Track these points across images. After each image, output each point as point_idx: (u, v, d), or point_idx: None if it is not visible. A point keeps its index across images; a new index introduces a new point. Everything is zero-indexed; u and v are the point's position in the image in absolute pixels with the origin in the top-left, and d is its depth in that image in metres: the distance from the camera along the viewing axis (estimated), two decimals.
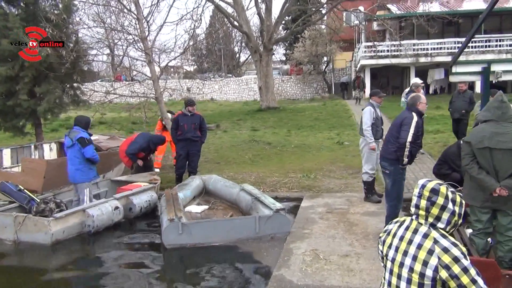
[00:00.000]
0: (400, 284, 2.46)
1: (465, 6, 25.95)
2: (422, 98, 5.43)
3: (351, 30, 28.32)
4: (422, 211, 2.46)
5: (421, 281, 2.35)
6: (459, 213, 2.44)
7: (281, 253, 5.03)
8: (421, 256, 2.36)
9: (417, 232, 2.45)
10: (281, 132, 15.14)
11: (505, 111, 4.05)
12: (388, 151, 5.41)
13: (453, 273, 2.27)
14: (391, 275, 2.52)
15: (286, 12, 21.89)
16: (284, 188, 8.23)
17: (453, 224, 2.44)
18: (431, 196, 2.43)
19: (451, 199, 2.42)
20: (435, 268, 2.30)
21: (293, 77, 32.30)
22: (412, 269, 2.38)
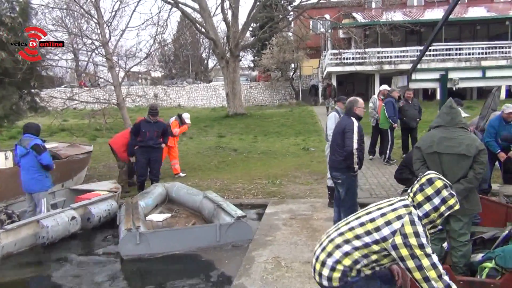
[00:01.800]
0: (352, 222, 2.60)
1: (426, 16, 26.79)
2: (359, 102, 5.44)
3: (318, 37, 28.72)
4: (411, 194, 2.59)
5: (371, 231, 2.46)
6: (441, 212, 2.52)
7: (243, 261, 4.95)
8: (389, 216, 2.48)
9: (400, 201, 2.60)
10: (247, 138, 15.10)
11: (454, 117, 4.13)
12: (336, 160, 5.39)
13: (408, 242, 2.36)
14: (355, 215, 2.67)
15: (253, 19, 21.96)
16: (249, 194, 8.16)
17: (430, 219, 2.53)
18: (424, 184, 2.57)
19: (442, 196, 2.51)
20: (394, 231, 2.40)
21: (261, 84, 32.40)
22: (373, 219, 2.50)
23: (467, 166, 3.97)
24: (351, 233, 2.54)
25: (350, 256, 2.49)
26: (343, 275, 2.51)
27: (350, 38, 24.41)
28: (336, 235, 2.60)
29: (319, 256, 2.61)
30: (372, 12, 28.76)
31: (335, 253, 2.53)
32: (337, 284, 2.52)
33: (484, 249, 4.44)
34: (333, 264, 2.52)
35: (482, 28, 26.58)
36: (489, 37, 26.33)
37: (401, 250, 2.37)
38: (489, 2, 30.21)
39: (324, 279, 2.55)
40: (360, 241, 2.49)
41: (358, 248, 2.48)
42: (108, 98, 10.56)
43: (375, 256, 2.48)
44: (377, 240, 2.44)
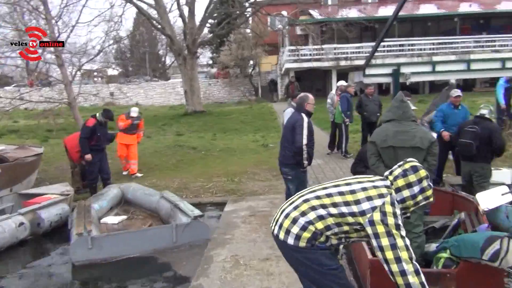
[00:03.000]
0: (330, 189, 2.53)
1: (380, 13, 27.44)
2: (309, 98, 5.47)
3: (276, 34, 28.82)
4: (391, 177, 2.55)
5: (350, 203, 2.41)
6: (417, 201, 2.52)
7: (201, 261, 4.86)
8: (371, 192, 2.43)
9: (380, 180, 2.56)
10: (206, 136, 14.94)
11: (406, 111, 4.22)
12: (286, 156, 5.37)
13: (386, 220, 2.33)
14: (330, 183, 2.61)
15: (210, 15, 21.75)
16: (208, 193, 8.06)
17: (405, 206, 2.51)
18: (408, 170, 2.52)
19: (422, 186, 2.50)
20: (374, 207, 2.37)
21: (220, 81, 32.25)
22: (354, 191, 2.45)
23: (421, 158, 4.07)
24: (328, 200, 2.47)
25: (323, 221, 2.43)
26: (312, 237, 2.44)
27: (307, 35, 24.68)
28: (312, 197, 2.52)
29: (290, 213, 2.52)
30: (328, 9, 29.17)
31: (309, 213, 2.45)
32: (304, 244, 2.44)
33: (436, 239, 4.57)
34: (305, 223, 2.44)
35: (432, 24, 27.55)
36: (439, 33, 27.33)
37: (377, 226, 2.34)
38: None
39: (291, 237, 2.47)
40: (336, 209, 2.43)
41: (333, 215, 2.43)
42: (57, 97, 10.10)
43: (347, 227, 2.44)
44: (354, 213, 2.40)
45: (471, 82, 25.15)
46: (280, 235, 2.53)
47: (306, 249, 2.45)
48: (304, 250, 2.45)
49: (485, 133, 5.90)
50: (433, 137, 4.12)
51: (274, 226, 2.62)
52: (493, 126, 5.96)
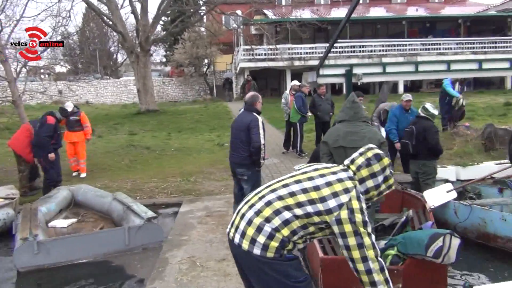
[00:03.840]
0: (292, 186, 2.33)
1: (333, 14, 28.06)
2: (260, 97, 5.50)
3: (230, 33, 28.79)
4: (354, 167, 2.42)
5: (316, 201, 2.25)
6: (380, 191, 2.43)
7: (156, 263, 4.75)
8: (336, 187, 2.28)
9: (343, 170, 2.42)
10: (160, 135, 14.66)
11: (357, 111, 4.33)
12: (240, 157, 5.31)
13: (353, 218, 2.22)
14: (289, 177, 2.43)
15: (163, 12, 21.36)
16: (162, 193, 7.91)
17: (368, 197, 2.42)
18: (372, 159, 2.40)
19: (386, 175, 2.40)
20: (340, 204, 2.23)
21: (174, 79, 31.77)
22: (318, 188, 2.28)
23: None
24: (292, 200, 2.27)
25: (289, 226, 2.24)
26: (280, 245, 2.24)
27: (262, 34, 24.81)
28: (274, 198, 2.30)
29: (252, 219, 2.28)
30: (282, 9, 29.45)
31: (274, 219, 2.24)
32: (272, 255, 2.23)
33: (385, 236, 4.71)
34: (272, 231, 2.23)
35: (382, 27, 28.52)
36: (388, 35, 28.32)
37: (345, 225, 2.21)
38: (387, 2, 32.51)
39: (257, 247, 2.23)
40: (302, 209, 2.25)
41: (299, 217, 2.25)
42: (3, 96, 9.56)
43: (313, 228, 2.29)
44: (320, 212, 2.23)
45: (418, 83, 26.24)
46: (243, 244, 2.27)
47: (274, 260, 2.26)
48: (271, 261, 2.25)
49: (420, 132, 6.18)
50: (383, 137, 4.24)
51: (233, 233, 2.37)
52: (427, 125, 6.18)
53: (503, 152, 8.21)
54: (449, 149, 9.46)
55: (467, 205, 5.37)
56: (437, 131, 6.15)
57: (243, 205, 2.41)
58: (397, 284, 3.74)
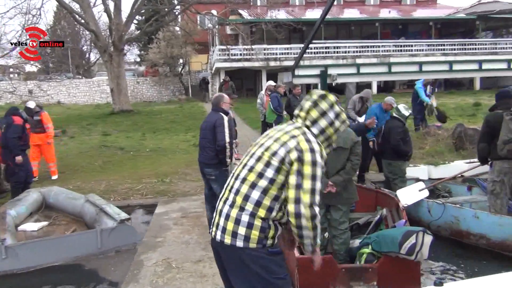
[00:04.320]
0: (248, 161, 2.36)
1: (308, 15, 28.29)
2: (225, 98, 5.53)
3: (206, 33, 28.65)
4: (303, 112, 2.43)
5: (270, 159, 2.26)
6: (336, 127, 2.43)
7: (131, 266, 4.67)
8: (283, 138, 2.30)
9: (290, 125, 2.43)
10: (135, 136, 14.45)
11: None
12: (208, 156, 5.29)
13: (301, 157, 2.21)
14: (247, 155, 2.43)
15: (137, 11, 21.08)
16: (137, 195, 7.80)
17: (326, 136, 2.42)
18: (318, 100, 2.42)
19: (335, 111, 2.41)
20: (289, 149, 2.24)
21: (149, 79, 31.38)
22: (268, 147, 2.30)
23: (345, 158, 4.23)
24: (253, 174, 2.27)
25: (262, 205, 2.22)
26: (262, 233, 2.22)
27: (237, 35, 24.81)
28: (239, 183, 2.31)
29: (229, 213, 2.27)
30: (257, 9, 29.51)
31: (247, 205, 2.23)
32: (255, 245, 2.22)
33: (360, 234, 4.78)
34: (249, 219, 2.22)
35: (356, 28, 28.91)
36: (362, 37, 28.75)
37: (293, 164, 2.21)
38: (361, 4, 33.00)
39: (239, 239, 2.22)
40: (264, 179, 2.23)
41: (266, 190, 2.22)
42: None
43: (283, 194, 2.25)
44: (278, 168, 2.22)
45: (391, 84, 26.72)
46: (225, 240, 2.26)
47: (257, 252, 2.23)
48: (254, 253, 2.23)
49: (386, 131, 6.31)
50: (356, 137, 4.29)
51: (215, 231, 2.35)
52: (393, 125, 6.30)
53: (473, 151, 8.43)
54: (421, 148, 9.68)
55: (441, 203, 5.50)
56: (400, 131, 6.19)
57: (219, 202, 2.41)
58: (372, 282, 3.79)
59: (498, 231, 4.91)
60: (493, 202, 5.18)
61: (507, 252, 4.81)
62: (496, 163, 5.08)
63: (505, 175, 5.03)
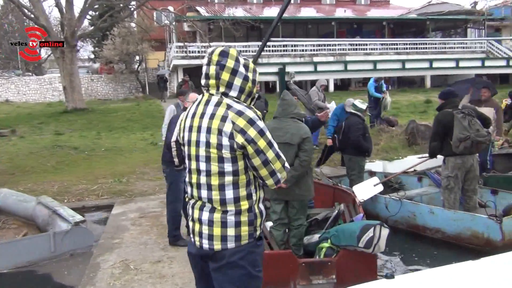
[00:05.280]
0: (200, 166, 2.15)
1: (265, 13, 28.44)
2: (189, 96, 5.42)
3: (162, 29, 28.16)
4: (213, 80, 2.17)
5: (220, 154, 2.08)
6: (252, 79, 2.23)
7: (86, 269, 4.53)
8: (215, 125, 2.09)
9: (209, 103, 2.17)
10: (90, 135, 14.02)
11: (285, 108, 4.45)
12: (164, 153, 5.21)
13: (249, 137, 2.07)
14: (190, 160, 2.20)
15: (90, 6, 20.40)
16: (92, 196, 7.59)
17: (247, 92, 2.22)
18: (220, 59, 2.16)
19: (244, 64, 2.20)
20: (230, 134, 2.05)
21: (104, 76, 30.44)
22: (209, 143, 2.10)
23: (293, 154, 4.24)
24: (214, 177, 2.12)
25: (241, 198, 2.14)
26: (250, 226, 2.15)
27: (195, 32, 24.58)
28: (207, 192, 2.15)
29: (212, 219, 2.14)
30: (215, 6, 29.36)
31: (228, 207, 2.12)
32: (246, 241, 2.15)
33: (319, 230, 4.87)
34: (236, 218, 2.13)
35: (313, 27, 29.36)
36: (319, 35, 29.23)
37: (247, 148, 2.07)
38: (317, 3, 33.54)
39: (230, 241, 2.13)
40: (227, 175, 2.11)
41: (236, 183, 2.12)
42: None
43: (251, 175, 2.17)
44: (233, 158, 2.10)
45: (347, 81, 27.35)
46: (215, 246, 2.15)
47: (248, 246, 2.17)
48: (245, 249, 2.17)
49: (345, 127, 6.48)
50: (306, 133, 4.28)
51: (199, 240, 2.20)
52: (352, 121, 6.45)
53: (425, 146, 8.79)
54: (376, 144, 9.97)
55: (397, 199, 5.69)
56: (360, 127, 6.32)
57: (193, 210, 2.24)
58: (331, 276, 3.88)
59: (452, 225, 5.16)
60: (447, 197, 5.40)
61: (461, 243, 5.04)
62: (450, 159, 5.29)
63: (458, 170, 5.26)
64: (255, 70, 2.25)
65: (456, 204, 5.34)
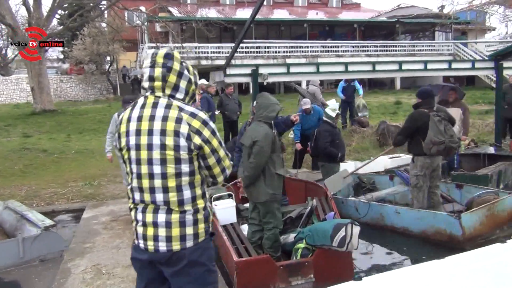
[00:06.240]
0: (153, 170, 2.12)
1: (238, 15, 28.45)
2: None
3: (134, 30, 27.76)
4: (158, 82, 2.17)
5: (177, 155, 2.09)
6: (194, 81, 2.28)
7: (57, 275, 4.43)
8: (170, 127, 2.09)
9: (157, 106, 2.15)
10: (59, 137, 13.68)
11: (256, 111, 4.53)
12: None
13: (204, 137, 2.12)
14: (139, 164, 2.15)
15: (59, 5, 19.91)
16: (62, 199, 7.44)
17: (191, 94, 2.27)
18: (166, 62, 2.17)
19: (186, 66, 2.24)
20: (187, 136, 2.09)
21: (74, 77, 29.76)
22: (164, 145, 2.09)
23: (247, 156, 4.37)
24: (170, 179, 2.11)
25: (197, 197, 2.17)
26: (206, 222, 2.20)
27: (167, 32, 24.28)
28: (163, 195, 2.12)
29: (169, 220, 2.12)
30: (188, 7, 29.16)
31: (185, 207, 2.13)
32: (203, 237, 2.19)
33: (294, 228, 4.93)
34: (194, 216, 2.15)
35: (285, 29, 29.55)
36: (291, 37, 29.44)
37: (204, 148, 2.13)
38: (290, 5, 33.80)
39: (189, 240, 2.14)
40: (184, 175, 2.12)
41: (192, 183, 2.15)
42: None
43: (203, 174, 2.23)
44: (190, 158, 2.12)
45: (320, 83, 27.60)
46: (174, 247, 2.14)
47: (205, 243, 2.22)
48: (202, 246, 2.21)
49: (317, 134, 6.64)
50: (257, 137, 4.25)
51: (153, 245, 2.16)
52: (321, 128, 6.59)
53: None
54: (348, 145, 10.13)
55: (366, 202, 5.83)
56: (327, 135, 6.41)
57: (143, 214, 2.19)
58: (309, 275, 3.93)
59: (417, 223, 5.33)
60: (416, 195, 5.54)
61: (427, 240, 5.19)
62: (419, 158, 5.43)
63: (426, 169, 5.41)
64: (195, 73, 2.31)
65: (424, 202, 5.50)
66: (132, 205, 2.25)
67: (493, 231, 5.14)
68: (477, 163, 8.02)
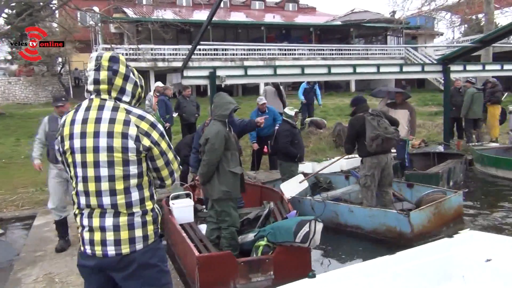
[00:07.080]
0: (100, 173, 2.07)
1: (195, 16, 28.28)
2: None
3: (87, 30, 26.95)
4: (104, 85, 2.14)
5: (125, 157, 2.07)
6: (140, 84, 2.28)
7: (6, 285, 4.23)
8: (117, 129, 2.07)
9: (103, 108, 2.11)
10: (7, 141, 13.08)
11: (212, 110, 4.64)
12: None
13: (153, 139, 2.12)
14: (85, 167, 2.09)
15: (6, 3, 19.05)
16: (11, 206, 7.15)
17: (137, 97, 2.27)
18: (112, 65, 2.14)
19: (131, 69, 2.24)
20: (136, 137, 2.07)
21: (23, 79, 28.48)
22: (112, 147, 2.06)
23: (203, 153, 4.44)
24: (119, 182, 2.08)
25: (146, 198, 2.15)
26: (154, 224, 2.19)
27: (122, 33, 23.76)
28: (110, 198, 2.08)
29: (117, 224, 2.08)
30: (143, 8, 28.68)
31: (133, 209, 2.10)
32: (153, 239, 2.17)
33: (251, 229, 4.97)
34: (142, 218, 2.12)
35: (243, 31, 29.68)
36: (248, 40, 29.58)
37: (153, 150, 2.12)
38: (247, 8, 33.96)
39: (138, 242, 2.11)
40: (132, 177, 2.10)
41: (140, 184, 2.13)
42: None
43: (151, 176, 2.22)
44: (138, 160, 2.09)
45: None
46: (123, 250, 2.10)
47: (155, 244, 2.20)
48: (153, 247, 2.19)
49: (277, 134, 6.81)
50: (206, 135, 4.37)
51: (101, 250, 2.11)
52: (281, 128, 6.78)
53: None
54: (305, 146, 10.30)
55: (321, 201, 5.98)
56: (287, 134, 6.55)
57: (89, 219, 2.13)
58: (269, 272, 3.98)
59: (369, 221, 5.54)
60: (365, 194, 5.78)
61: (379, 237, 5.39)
62: (366, 159, 5.69)
63: (374, 169, 5.63)
64: (140, 77, 2.32)
65: (373, 200, 5.75)
66: (77, 210, 2.19)
67: (440, 229, 5.44)
68: (427, 162, 8.41)
